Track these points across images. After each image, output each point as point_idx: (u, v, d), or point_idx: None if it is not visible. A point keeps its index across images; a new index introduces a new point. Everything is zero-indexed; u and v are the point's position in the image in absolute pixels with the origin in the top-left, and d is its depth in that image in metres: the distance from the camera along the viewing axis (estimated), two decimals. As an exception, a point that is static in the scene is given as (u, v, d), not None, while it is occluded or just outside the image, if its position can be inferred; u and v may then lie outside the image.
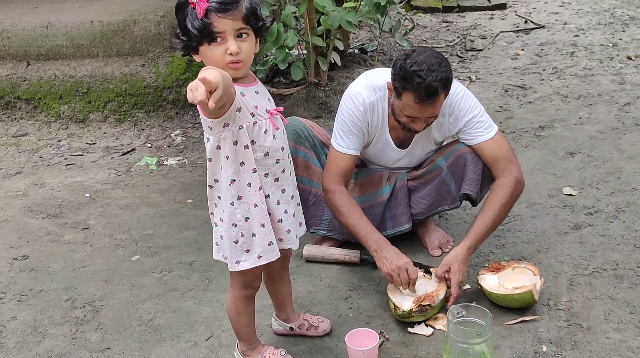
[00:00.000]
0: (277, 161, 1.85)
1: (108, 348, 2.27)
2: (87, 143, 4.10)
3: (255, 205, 1.82)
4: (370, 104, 2.46)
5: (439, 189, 2.55)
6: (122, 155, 3.90)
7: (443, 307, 2.29)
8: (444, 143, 2.66)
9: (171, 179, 3.56)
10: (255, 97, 1.80)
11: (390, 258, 2.29)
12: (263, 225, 1.84)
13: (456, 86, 2.42)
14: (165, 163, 3.76)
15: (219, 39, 1.67)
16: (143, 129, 4.17)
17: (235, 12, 1.65)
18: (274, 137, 1.82)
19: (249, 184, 1.81)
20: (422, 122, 2.35)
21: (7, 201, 3.42)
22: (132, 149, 3.96)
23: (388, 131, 2.52)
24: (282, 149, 1.86)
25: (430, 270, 2.39)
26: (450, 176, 2.52)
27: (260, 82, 1.87)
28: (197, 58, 1.74)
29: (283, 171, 1.88)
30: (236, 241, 1.86)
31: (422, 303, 2.24)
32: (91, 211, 3.26)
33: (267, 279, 2.15)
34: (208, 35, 1.66)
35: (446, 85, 2.26)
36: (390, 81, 2.36)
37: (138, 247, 2.90)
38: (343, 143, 2.47)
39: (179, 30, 1.71)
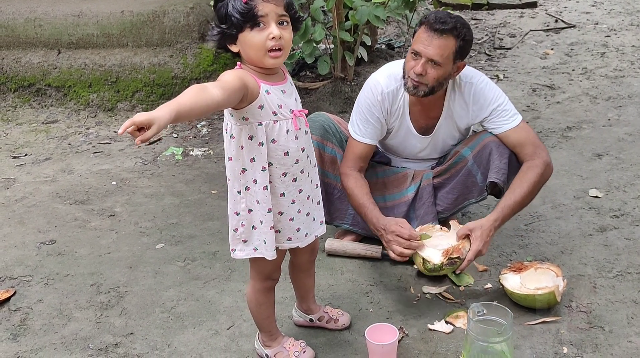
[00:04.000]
0: (297, 162, 1.85)
1: (131, 333, 2.31)
2: (115, 132, 4.16)
3: (258, 202, 1.83)
4: (389, 94, 2.48)
5: (465, 181, 2.53)
6: (149, 144, 3.95)
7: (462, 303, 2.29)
8: (469, 134, 2.65)
9: (196, 169, 3.60)
10: (281, 96, 1.80)
11: (384, 226, 2.31)
12: (262, 222, 1.85)
13: (480, 76, 2.46)
14: (190, 153, 3.80)
15: (261, 24, 1.68)
16: (170, 119, 4.22)
17: None
18: (296, 137, 1.83)
19: (255, 181, 1.82)
20: (422, 65, 2.30)
21: (36, 187, 3.49)
22: (159, 139, 4.00)
23: (409, 118, 2.53)
24: (303, 150, 1.86)
25: (450, 222, 2.37)
26: (476, 166, 2.50)
27: (290, 79, 1.88)
28: (234, 48, 1.74)
29: (302, 171, 1.88)
30: (235, 230, 1.89)
31: (451, 256, 2.24)
32: (117, 198, 3.31)
33: (292, 270, 2.17)
34: (252, 18, 1.66)
35: (458, 30, 2.30)
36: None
37: (162, 235, 2.94)
38: (359, 131, 2.51)
39: (217, 21, 1.72)
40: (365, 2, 3.73)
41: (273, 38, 1.68)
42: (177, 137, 4.04)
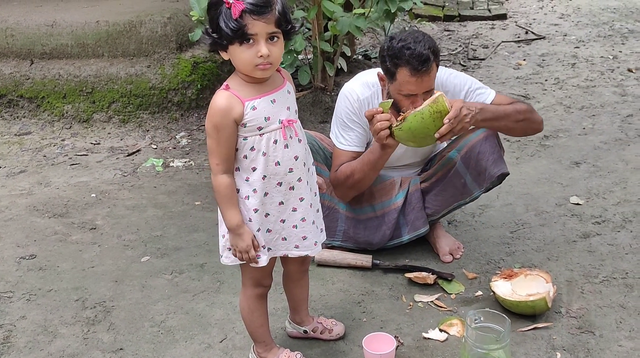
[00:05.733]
0: (291, 170, 1.85)
1: (121, 348, 2.26)
2: (92, 143, 4.08)
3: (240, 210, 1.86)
4: (365, 100, 2.51)
5: (454, 183, 2.55)
6: (128, 156, 3.88)
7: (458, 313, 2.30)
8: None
9: (178, 181, 3.55)
10: (270, 107, 1.80)
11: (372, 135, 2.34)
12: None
13: (443, 69, 2.49)
14: (171, 164, 3.75)
15: (250, 41, 1.68)
16: (148, 131, 4.16)
17: (269, 15, 1.67)
18: (285, 146, 1.83)
19: (237, 190, 1.85)
20: (421, 99, 2.32)
21: (12, 200, 3.40)
22: (138, 150, 3.94)
23: None
24: (297, 158, 1.86)
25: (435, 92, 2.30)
26: (464, 167, 2.52)
27: (288, 85, 1.87)
28: (224, 56, 1.76)
29: (299, 179, 1.88)
30: (223, 236, 1.91)
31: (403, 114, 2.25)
32: (98, 211, 3.24)
33: (285, 280, 2.16)
34: (241, 36, 1.67)
35: (435, 53, 2.30)
36: (380, 71, 2.39)
37: (147, 248, 2.88)
38: (344, 140, 2.52)
39: (209, 27, 1.72)
40: (345, 12, 3.75)
41: (261, 56, 1.69)
42: (156, 148, 3.99)
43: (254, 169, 1.82)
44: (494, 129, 2.50)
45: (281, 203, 1.87)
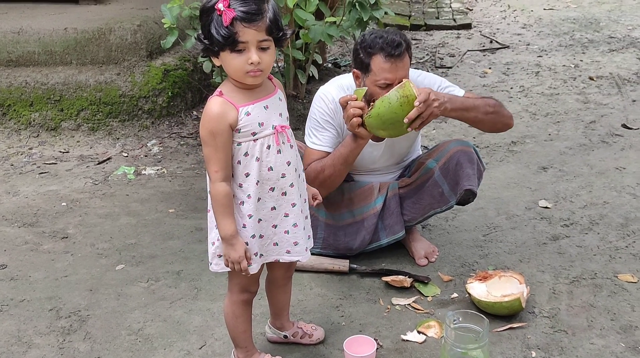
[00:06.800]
0: (283, 176, 1.88)
1: (98, 357, 2.23)
2: (60, 152, 4.02)
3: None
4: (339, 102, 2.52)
5: (432, 191, 2.60)
6: (98, 164, 3.84)
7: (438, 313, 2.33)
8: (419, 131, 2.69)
9: (150, 188, 3.52)
10: (263, 113, 1.82)
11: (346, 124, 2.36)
12: (247, 244, 1.87)
13: (413, 70, 2.52)
14: (143, 172, 3.72)
15: (241, 48, 1.70)
16: (118, 139, 4.12)
17: (260, 23, 1.69)
18: (278, 152, 1.85)
19: (233, 196, 1.85)
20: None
21: (-21, 210, 3.32)
22: (108, 158, 3.90)
23: None
24: (289, 163, 1.88)
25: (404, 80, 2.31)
26: (442, 177, 2.57)
27: (279, 92, 1.89)
28: (216, 62, 1.77)
29: (291, 185, 1.90)
30: (213, 243, 1.91)
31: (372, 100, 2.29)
32: (69, 220, 3.20)
33: (268, 285, 2.16)
34: (232, 43, 1.69)
35: (408, 43, 2.36)
36: (355, 69, 2.42)
37: (122, 256, 2.85)
38: (317, 140, 2.54)
39: (201, 33, 1.73)
40: (316, 21, 3.78)
41: (252, 63, 1.71)
42: (127, 156, 3.95)
43: (247, 175, 1.83)
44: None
45: (273, 208, 1.89)
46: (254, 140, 1.81)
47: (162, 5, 3.41)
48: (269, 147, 1.83)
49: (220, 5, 1.67)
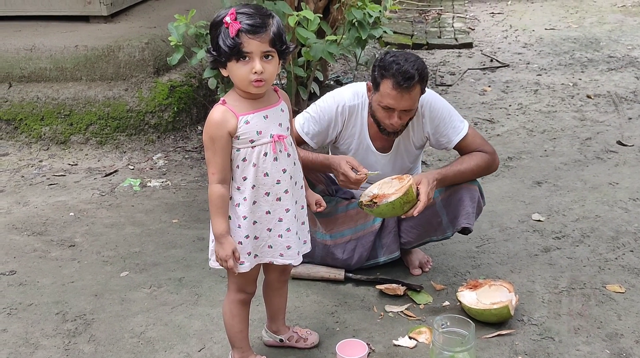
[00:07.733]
0: (278, 182, 1.99)
1: (102, 359, 2.32)
2: (69, 164, 4.14)
3: (230, 218, 1.98)
4: (350, 107, 2.62)
5: (430, 220, 2.64)
6: (105, 176, 3.96)
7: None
8: (424, 148, 2.84)
9: (155, 200, 3.63)
10: (262, 122, 1.94)
11: (336, 167, 2.48)
12: (240, 243, 1.99)
13: (425, 98, 2.60)
14: (148, 184, 3.83)
15: (246, 58, 1.83)
16: (125, 152, 4.25)
17: (264, 35, 1.82)
18: (275, 159, 1.97)
19: (230, 198, 1.98)
20: (397, 116, 2.46)
21: (-10, 219, 3.44)
22: (115, 171, 4.02)
23: (369, 137, 2.67)
24: (284, 171, 1.99)
25: (404, 175, 2.48)
26: (443, 208, 2.63)
27: (283, 103, 2.01)
28: (224, 72, 1.91)
29: (286, 191, 2.01)
30: (212, 241, 2.02)
31: (374, 200, 2.40)
32: (76, 229, 3.31)
33: (265, 288, 2.26)
34: (237, 53, 1.82)
35: (422, 76, 2.42)
36: (369, 82, 2.52)
37: (126, 264, 2.96)
38: (306, 127, 2.61)
39: (210, 46, 1.87)
40: (318, 39, 3.91)
41: (255, 73, 1.84)
42: (133, 169, 4.07)
43: (245, 179, 1.95)
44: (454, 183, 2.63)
45: (268, 212, 2.00)
46: (251, 147, 1.93)
47: (169, 24, 3.55)
48: (265, 154, 1.95)
49: (227, 19, 1.81)
